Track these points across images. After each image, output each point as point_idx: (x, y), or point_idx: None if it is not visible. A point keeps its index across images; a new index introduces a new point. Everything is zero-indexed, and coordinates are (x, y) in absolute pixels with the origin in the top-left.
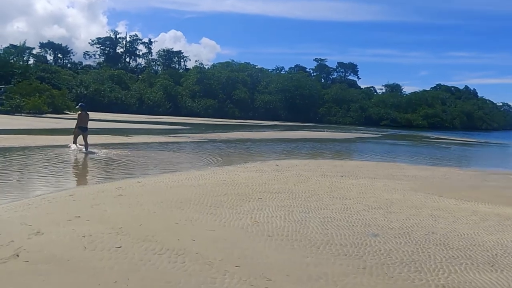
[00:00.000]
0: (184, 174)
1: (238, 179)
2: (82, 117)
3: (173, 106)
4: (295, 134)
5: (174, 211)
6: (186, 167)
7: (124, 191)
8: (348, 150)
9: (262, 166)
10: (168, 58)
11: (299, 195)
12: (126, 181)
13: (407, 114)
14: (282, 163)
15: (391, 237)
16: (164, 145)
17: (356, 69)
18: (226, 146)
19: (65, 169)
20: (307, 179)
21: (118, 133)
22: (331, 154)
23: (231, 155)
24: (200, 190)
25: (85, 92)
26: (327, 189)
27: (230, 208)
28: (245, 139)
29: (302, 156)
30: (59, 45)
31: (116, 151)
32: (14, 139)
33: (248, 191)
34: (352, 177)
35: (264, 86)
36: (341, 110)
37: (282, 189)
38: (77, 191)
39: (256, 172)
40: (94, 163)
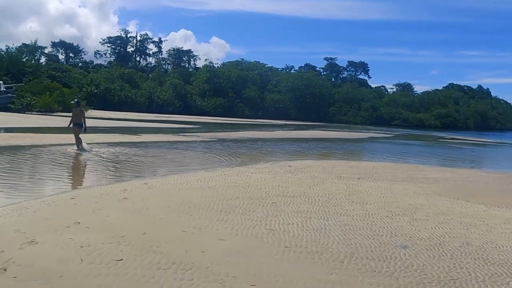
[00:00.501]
0: (193, 175)
1: (250, 181)
2: (77, 114)
3: (183, 105)
4: (306, 134)
5: (182, 217)
6: (196, 167)
7: (130, 194)
8: (362, 150)
9: (275, 167)
10: (178, 57)
11: (315, 199)
12: (133, 182)
13: (419, 113)
14: (295, 164)
15: (422, 249)
16: (173, 144)
17: (367, 68)
18: (236, 145)
19: (70, 169)
20: (323, 182)
21: (127, 131)
22: (345, 155)
23: (242, 155)
24: (210, 193)
25: (95, 91)
26: (345, 192)
27: (242, 213)
28: (255, 139)
29: (315, 157)
30: (70, 44)
31: (116, 149)
32: (22, 137)
33: (261, 194)
34: (369, 179)
35: (274, 85)
36: (351, 110)
37: (297, 192)
38: (79, 194)
39: (268, 174)
40: (101, 163)
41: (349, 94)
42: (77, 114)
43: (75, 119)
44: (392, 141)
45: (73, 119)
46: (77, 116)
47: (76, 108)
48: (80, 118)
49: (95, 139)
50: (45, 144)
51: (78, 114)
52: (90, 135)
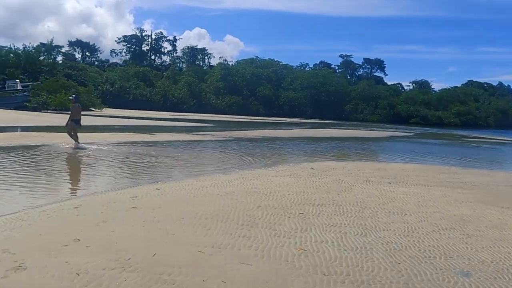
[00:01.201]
0: (209, 179)
1: (271, 186)
2: (76, 110)
3: (197, 103)
4: (324, 132)
5: (198, 232)
6: (211, 170)
7: (139, 202)
8: (385, 150)
9: (296, 170)
10: (193, 55)
11: (347, 209)
12: (143, 187)
13: (438, 111)
14: (317, 165)
15: (488, 277)
16: (188, 144)
17: (383, 65)
18: (253, 145)
19: (77, 172)
20: (351, 187)
21: (141, 130)
22: (368, 155)
23: (259, 155)
24: (229, 201)
25: (110, 89)
26: (378, 200)
27: (266, 227)
28: (272, 138)
29: (336, 157)
30: (87, 43)
31: (128, 149)
32: (33, 136)
33: (285, 202)
34: (401, 183)
35: (289, 83)
36: (368, 107)
37: (325, 200)
38: (84, 202)
39: (290, 177)
40: (111, 165)
41: (366, 91)
42: (76, 110)
43: (74, 115)
44: (413, 140)
45: (72, 115)
46: (75, 113)
47: (74, 104)
48: (79, 114)
49: (107, 138)
50: (56, 143)
51: (77, 111)
52: (102, 134)
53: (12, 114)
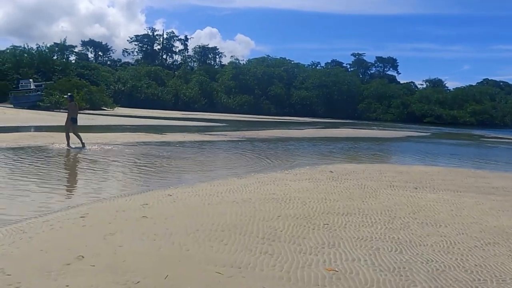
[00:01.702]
0: (223, 184)
1: (290, 192)
2: (73, 108)
3: (209, 102)
4: (338, 132)
5: (214, 247)
6: (226, 173)
7: (150, 211)
8: (404, 152)
9: (314, 173)
10: (204, 54)
11: (375, 219)
12: (155, 193)
13: (453, 110)
14: (335, 168)
15: None
16: (200, 145)
17: (396, 64)
18: (266, 146)
19: (85, 176)
20: (375, 193)
21: (152, 130)
22: (387, 157)
23: (274, 157)
24: (246, 209)
25: (122, 88)
26: (407, 208)
27: (290, 242)
28: (286, 138)
29: (355, 159)
30: (99, 43)
31: (139, 150)
32: (43, 136)
33: (307, 211)
34: (428, 189)
35: (301, 82)
36: (381, 106)
37: (349, 208)
38: (92, 210)
39: (309, 181)
40: (121, 167)
41: (379, 90)
42: (73, 109)
43: (72, 114)
44: (431, 141)
45: (70, 113)
46: (73, 111)
47: (70, 102)
48: (75, 113)
49: (118, 138)
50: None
51: (74, 109)
52: (113, 134)
53: (25, 113)
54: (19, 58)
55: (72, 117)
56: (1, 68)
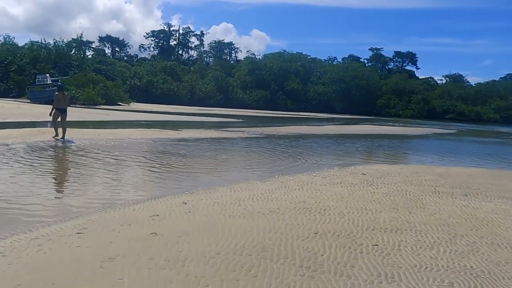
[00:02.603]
0: (245, 188)
1: (323, 200)
2: (59, 98)
3: (224, 98)
4: (360, 129)
5: (241, 281)
6: (246, 175)
7: (161, 225)
8: (435, 150)
9: (345, 175)
10: (220, 49)
11: (433, 237)
12: (167, 201)
13: (476, 106)
14: (367, 169)
15: None
16: (217, 142)
17: (415, 59)
18: (288, 143)
19: (88, 178)
20: (421, 201)
21: (167, 126)
22: (419, 156)
23: (297, 156)
24: (275, 224)
25: (138, 84)
26: (465, 222)
27: (336, 273)
28: (306, 135)
29: (385, 159)
30: (116, 38)
31: (152, 148)
32: (50, 133)
33: (347, 226)
34: (480, 196)
35: (318, 77)
36: (401, 102)
37: (397, 221)
38: (91, 223)
39: (341, 186)
40: (133, 168)
41: (398, 85)
42: (59, 99)
43: (57, 104)
44: (460, 138)
45: (55, 104)
46: (59, 101)
47: (58, 92)
48: (63, 103)
49: (131, 134)
50: (69, 139)
51: (61, 99)
52: (126, 130)
53: (39, 108)
54: (36, 53)
55: (58, 108)
56: (19, 63)
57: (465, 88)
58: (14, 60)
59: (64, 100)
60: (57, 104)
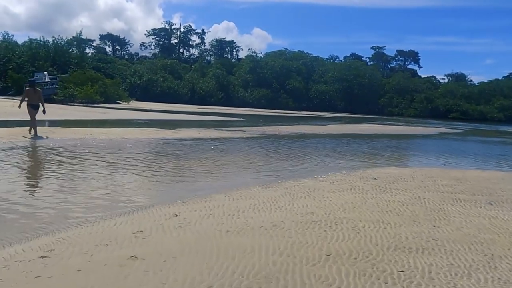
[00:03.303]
0: (245, 196)
1: (333, 210)
2: (30, 94)
3: (225, 96)
4: (364, 128)
5: None
6: (247, 179)
7: (144, 245)
8: (445, 151)
9: (354, 180)
10: (221, 48)
11: (467, 260)
12: (156, 211)
13: (480, 106)
14: (377, 173)
15: None
16: (216, 142)
17: (417, 57)
18: (290, 144)
19: (65, 183)
20: (443, 211)
21: (166, 125)
22: (430, 158)
23: (301, 158)
24: (279, 243)
25: (138, 82)
26: (499, 238)
27: None
28: (309, 135)
29: (394, 161)
30: (117, 37)
31: (146, 148)
32: (44, 132)
33: (364, 244)
34: (506, 204)
35: (320, 75)
36: (404, 101)
37: (421, 237)
38: (60, 242)
39: (351, 193)
40: (119, 170)
41: (401, 84)
42: (30, 95)
43: (31, 99)
44: (468, 138)
45: (28, 100)
46: (31, 97)
47: (29, 88)
48: (36, 99)
49: (126, 134)
50: (63, 137)
51: (32, 95)
52: (121, 130)
53: None
54: (35, 51)
55: (31, 104)
56: (17, 61)
57: (468, 87)
58: (13, 58)
59: (37, 96)
60: (29, 99)
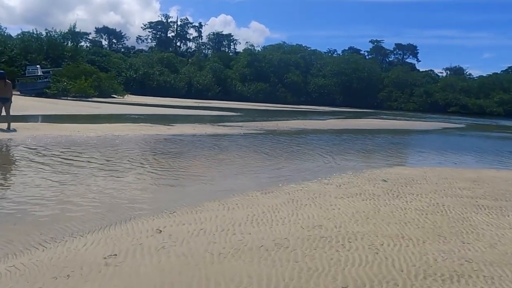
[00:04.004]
0: (242, 204)
1: (343, 222)
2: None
3: (223, 90)
4: (364, 123)
5: None
6: (244, 182)
7: (114, 277)
8: (452, 148)
9: (362, 182)
10: (218, 41)
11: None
12: (135, 225)
13: (479, 100)
14: (386, 174)
15: None
16: (212, 140)
17: (416, 51)
18: (290, 140)
19: (25, 188)
20: (467, 221)
21: (160, 120)
22: (438, 154)
23: (302, 156)
24: (284, 270)
25: (134, 76)
26: None
27: None
28: (309, 130)
29: (401, 159)
30: (113, 30)
31: (134, 147)
32: (27, 128)
33: (388, 271)
34: None
35: (318, 69)
36: (403, 95)
37: (452, 259)
38: (10, 273)
39: (361, 198)
40: (99, 172)
41: (400, 78)
42: (1, 88)
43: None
44: (472, 134)
45: None
46: (1, 90)
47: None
48: (6, 92)
49: (116, 130)
50: (47, 135)
51: (3, 88)
52: (112, 126)
53: (23, 101)
54: (27, 44)
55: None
56: (9, 54)
57: (468, 81)
58: (5, 51)
59: (7, 88)
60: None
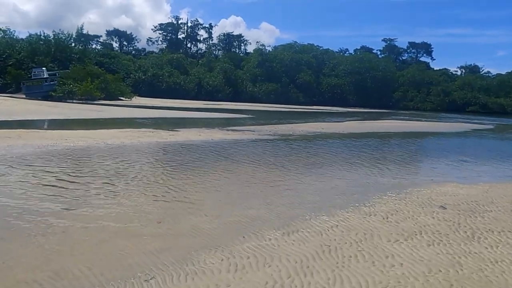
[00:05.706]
0: (254, 256)
1: None
2: None
3: (233, 91)
4: (385, 126)
5: None
6: (256, 211)
7: None
8: (497, 154)
9: (413, 209)
10: (229, 42)
11: None
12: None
13: (499, 98)
14: (438, 194)
15: None
16: (219, 148)
17: (430, 49)
18: (309, 147)
19: None
20: None
21: (164, 124)
22: (486, 164)
23: (327, 171)
24: None
25: (143, 77)
26: None
27: None
28: (328, 135)
29: (446, 171)
30: (124, 32)
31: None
32: (8, 137)
33: None
34: None
35: (331, 69)
36: (419, 95)
37: None
38: None
39: (425, 241)
40: (74, 195)
41: (416, 77)
42: None
43: None
44: (508, 136)
45: None
46: None
47: None
48: None
49: (111, 138)
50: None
51: None
52: (108, 132)
53: (25, 104)
54: (35, 46)
55: None
56: (17, 57)
57: (487, 79)
58: (13, 53)
59: None
60: None
